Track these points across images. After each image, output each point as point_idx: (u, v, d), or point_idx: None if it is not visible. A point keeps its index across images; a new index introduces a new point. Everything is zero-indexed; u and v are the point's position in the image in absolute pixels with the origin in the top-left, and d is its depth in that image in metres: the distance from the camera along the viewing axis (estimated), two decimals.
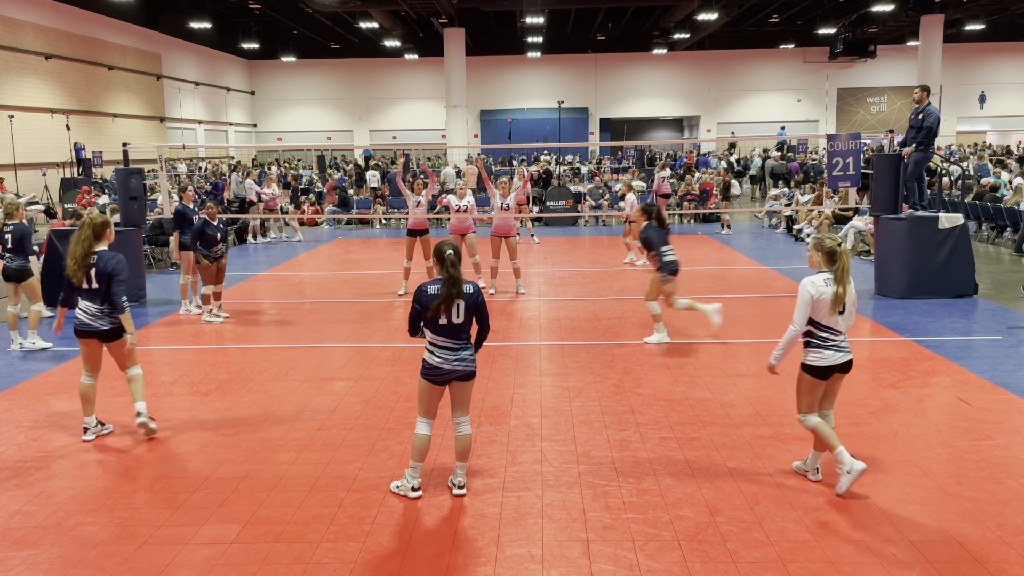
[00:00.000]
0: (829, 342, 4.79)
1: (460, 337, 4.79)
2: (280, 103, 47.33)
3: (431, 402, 4.86)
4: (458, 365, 4.78)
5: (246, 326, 9.64)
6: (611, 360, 7.83)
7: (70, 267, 5.64)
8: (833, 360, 4.79)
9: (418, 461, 4.88)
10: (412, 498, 4.85)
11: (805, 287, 4.75)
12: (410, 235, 11.27)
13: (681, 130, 49.33)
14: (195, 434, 6.01)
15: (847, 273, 4.74)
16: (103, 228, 5.76)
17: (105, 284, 5.65)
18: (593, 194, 21.49)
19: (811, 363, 4.83)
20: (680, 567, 4.06)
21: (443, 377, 4.79)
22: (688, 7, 31.54)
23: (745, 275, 12.53)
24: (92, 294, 5.67)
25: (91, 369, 5.88)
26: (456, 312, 4.73)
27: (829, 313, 4.73)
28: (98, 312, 5.70)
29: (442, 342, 4.76)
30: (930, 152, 10.76)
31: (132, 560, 4.22)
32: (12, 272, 8.50)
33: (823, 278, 4.75)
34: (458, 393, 4.87)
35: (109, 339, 5.77)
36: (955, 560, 4.09)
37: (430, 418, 4.88)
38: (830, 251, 4.77)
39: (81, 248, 5.64)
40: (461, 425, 4.90)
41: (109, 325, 5.71)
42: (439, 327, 4.74)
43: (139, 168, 11.84)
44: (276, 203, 19.08)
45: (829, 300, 4.71)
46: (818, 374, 4.82)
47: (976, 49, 43.17)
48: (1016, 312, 9.63)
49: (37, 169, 25.62)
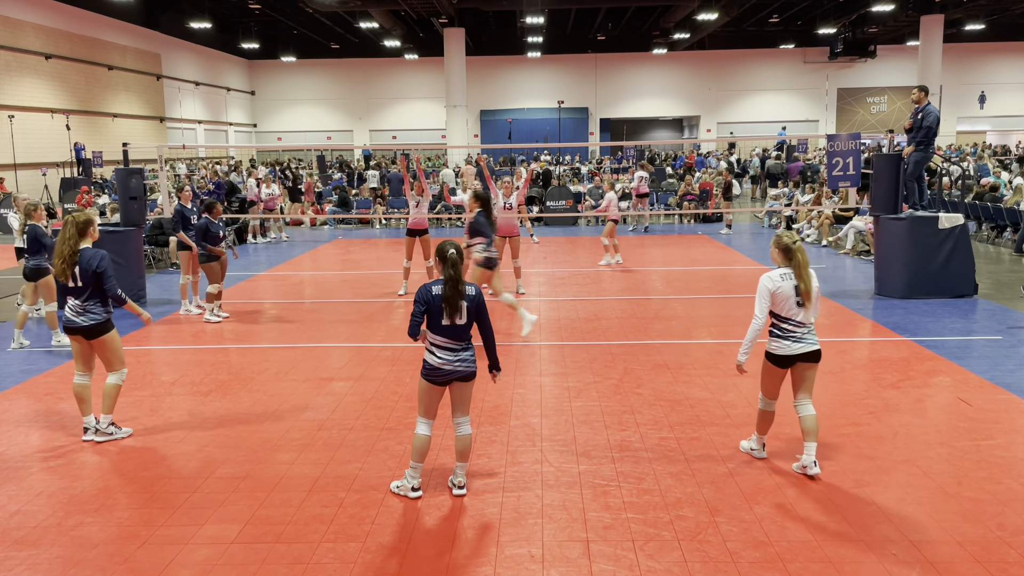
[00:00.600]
0: (789, 333, 4.99)
1: (462, 338, 4.78)
2: (280, 103, 47.33)
3: (431, 403, 4.86)
4: (459, 366, 4.78)
5: (246, 326, 9.64)
6: (611, 360, 7.83)
7: (57, 266, 5.72)
8: (792, 350, 4.99)
9: (418, 461, 4.87)
10: (412, 498, 4.85)
11: (763, 281, 5.03)
12: (410, 235, 11.25)
13: (681, 130, 49.33)
14: (195, 434, 6.01)
15: (805, 268, 4.97)
16: (86, 226, 5.83)
17: (89, 282, 5.71)
18: (593, 194, 21.50)
19: (771, 351, 5.08)
20: (680, 567, 4.06)
21: (444, 378, 4.79)
22: (688, 7, 31.55)
23: (745, 275, 12.53)
24: (76, 292, 5.75)
25: (83, 367, 5.93)
26: (459, 314, 4.73)
27: (791, 306, 4.96)
28: (80, 308, 5.76)
29: (444, 343, 4.75)
30: (930, 152, 10.76)
31: (132, 560, 4.22)
32: (29, 271, 8.74)
33: (779, 273, 5.02)
34: (459, 394, 4.87)
35: (91, 336, 5.80)
36: (955, 560, 4.09)
37: (430, 418, 4.88)
38: (785, 248, 5.04)
39: (68, 246, 5.71)
40: (461, 425, 4.90)
41: (90, 321, 5.76)
42: (441, 328, 4.73)
43: (139, 168, 11.83)
44: (276, 203, 19.08)
45: (788, 293, 4.95)
46: (777, 362, 5.06)
47: (976, 49, 43.17)
48: (1016, 312, 9.64)
49: (37, 169, 25.62)
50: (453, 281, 4.67)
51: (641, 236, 17.61)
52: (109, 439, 5.87)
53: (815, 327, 5.11)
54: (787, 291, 4.95)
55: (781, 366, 5.06)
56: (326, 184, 26.28)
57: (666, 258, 14.74)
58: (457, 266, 4.70)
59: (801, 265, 4.96)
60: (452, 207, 19.05)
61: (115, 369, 5.90)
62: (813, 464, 5.03)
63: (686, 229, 19.20)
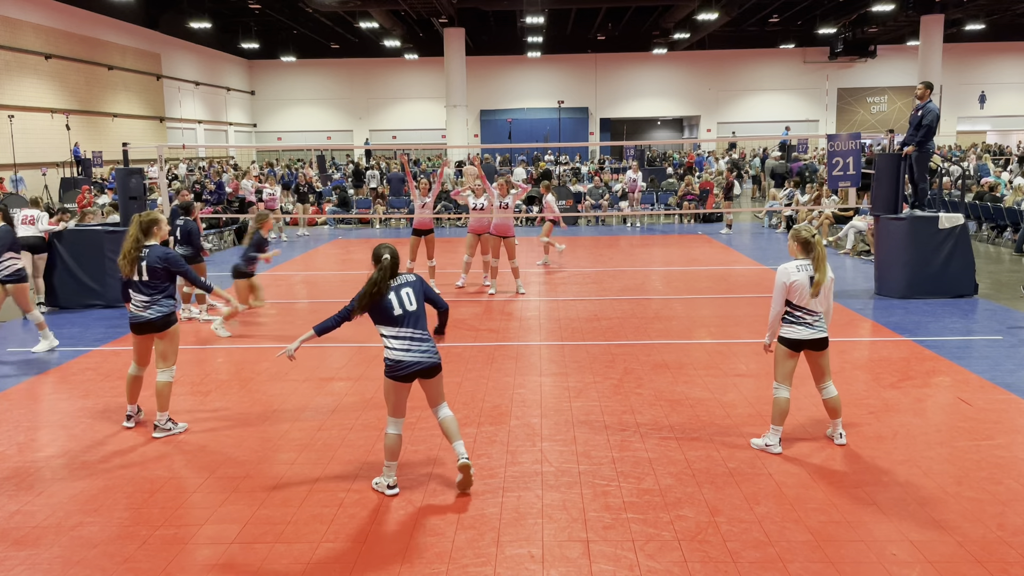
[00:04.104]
0: (801, 320, 5.33)
1: (418, 326, 4.80)
2: (280, 103, 47.31)
3: (399, 400, 4.85)
4: (421, 356, 4.77)
5: (246, 326, 9.64)
6: (611, 360, 7.83)
7: (121, 263, 5.91)
8: (804, 335, 5.33)
9: (391, 460, 4.91)
10: (389, 495, 4.88)
11: (780, 276, 5.34)
12: (415, 235, 11.26)
13: (681, 130, 49.32)
14: (195, 434, 6.01)
15: (823, 261, 5.29)
16: (151, 225, 5.99)
17: (157, 277, 5.88)
18: (593, 194, 21.49)
19: (784, 335, 5.40)
20: (680, 567, 4.06)
21: (407, 370, 4.76)
22: (688, 7, 31.54)
23: (745, 275, 12.53)
24: (142, 287, 5.90)
25: (137, 360, 6.10)
26: (408, 299, 4.77)
27: (805, 295, 5.28)
28: (147, 303, 5.89)
29: (401, 333, 4.76)
30: (928, 150, 10.75)
31: (132, 560, 4.22)
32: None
33: (796, 264, 5.34)
34: (428, 389, 4.90)
35: (158, 328, 5.92)
36: (955, 560, 4.09)
37: (399, 417, 4.89)
38: (805, 241, 5.35)
39: (131, 244, 5.90)
40: (439, 412, 4.94)
41: (157, 314, 5.88)
42: (394, 318, 4.75)
43: (139, 168, 11.84)
44: (275, 203, 19.07)
45: (804, 284, 5.26)
46: (790, 345, 5.38)
47: (976, 49, 43.16)
48: (1016, 312, 9.63)
49: (37, 169, 25.62)
50: (383, 273, 4.74)
51: (642, 236, 17.61)
52: (168, 435, 5.98)
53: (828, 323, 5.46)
54: (803, 282, 5.27)
55: (795, 349, 5.38)
56: (326, 184, 26.27)
57: (666, 258, 14.74)
58: (389, 268, 4.77)
59: (820, 258, 5.28)
60: (454, 206, 19.06)
61: (168, 365, 6.00)
62: (840, 435, 5.59)
63: (686, 229, 19.19)
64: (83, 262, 10.77)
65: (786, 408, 5.45)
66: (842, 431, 5.61)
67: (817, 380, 5.52)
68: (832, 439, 5.64)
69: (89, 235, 10.95)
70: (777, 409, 5.46)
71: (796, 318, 5.32)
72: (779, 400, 5.44)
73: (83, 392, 7.08)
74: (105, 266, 10.76)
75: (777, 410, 5.46)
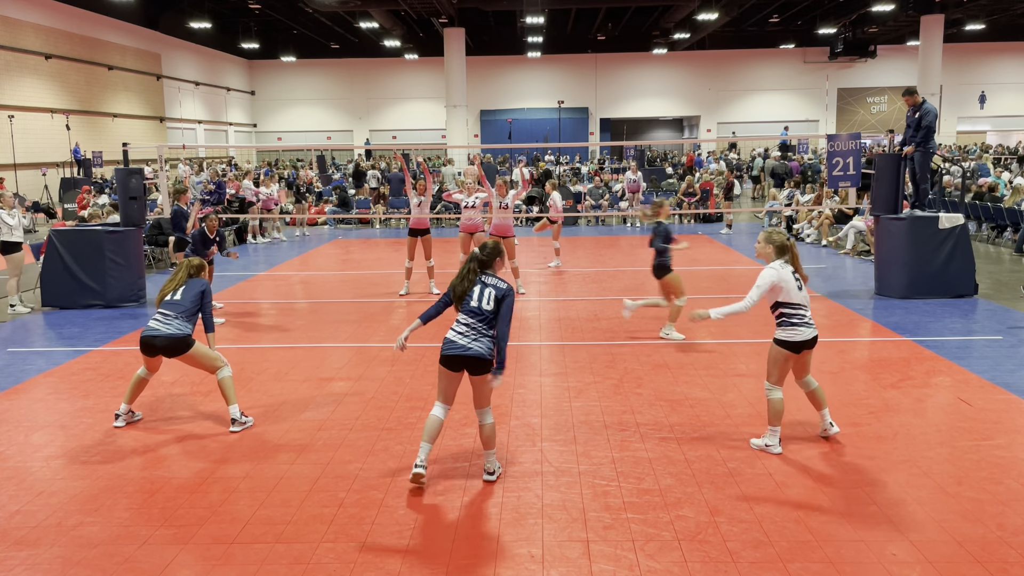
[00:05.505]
0: (803, 319, 5.37)
1: (484, 323, 4.94)
2: (280, 103, 47.33)
3: (446, 386, 5.01)
4: (471, 344, 4.88)
5: (246, 326, 9.64)
6: (611, 360, 7.83)
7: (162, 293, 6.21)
8: (807, 335, 5.38)
9: (426, 441, 5.00)
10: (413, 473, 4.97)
11: (767, 275, 5.39)
12: (411, 235, 11.25)
13: (681, 130, 49.32)
14: (195, 434, 6.01)
15: (798, 259, 5.52)
16: (198, 271, 6.34)
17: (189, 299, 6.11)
18: (593, 194, 21.49)
19: (788, 339, 5.39)
20: (680, 567, 4.06)
21: (450, 352, 4.89)
22: (688, 7, 31.54)
23: (745, 275, 12.53)
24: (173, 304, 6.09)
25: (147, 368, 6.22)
26: (487, 298, 4.94)
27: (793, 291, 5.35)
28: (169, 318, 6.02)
29: (466, 320, 4.95)
30: (929, 150, 10.75)
31: (132, 560, 4.22)
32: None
33: (779, 263, 5.45)
34: (474, 385, 5.01)
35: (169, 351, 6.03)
36: (955, 560, 4.09)
37: (445, 403, 5.04)
38: (781, 246, 5.50)
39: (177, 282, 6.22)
40: (481, 416, 5.06)
41: (173, 331, 5.98)
42: (469, 308, 4.97)
43: (139, 168, 11.83)
44: (272, 203, 19.07)
45: (789, 277, 5.37)
46: (793, 348, 5.41)
47: (976, 49, 43.17)
48: (1016, 312, 9.63)
49: (37, 169, 25.63)
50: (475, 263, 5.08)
51: (643, 236, 17.61)
52: (244, 428, 6.09)
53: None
54: (788, 276, 5.39)
55: (796, 352, 5.41)
56: (326, 184, 26.27)
57: None
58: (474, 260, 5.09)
59: (797, 257, 5.51)
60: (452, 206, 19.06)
61: (218, 367, 6.11)
62: (831, 425, 5.67)
63: (686, 229, 19.19)
64: (83, 262, 10.76)
65: (782, 408, 5.48)
66: (831, 420, 5.70)
67: (799, 377, 5.60)
68: (826, 437, 5.67)
69: (89, 235, 10.93)
70: (773, 410, 5.48)
71: (799, 318, 5.35)
72: (775, 401, 5.46)
73: (83, 392, 7.08)
74: (105, 266, 10.76)
75: (773, 411, 5.48)
